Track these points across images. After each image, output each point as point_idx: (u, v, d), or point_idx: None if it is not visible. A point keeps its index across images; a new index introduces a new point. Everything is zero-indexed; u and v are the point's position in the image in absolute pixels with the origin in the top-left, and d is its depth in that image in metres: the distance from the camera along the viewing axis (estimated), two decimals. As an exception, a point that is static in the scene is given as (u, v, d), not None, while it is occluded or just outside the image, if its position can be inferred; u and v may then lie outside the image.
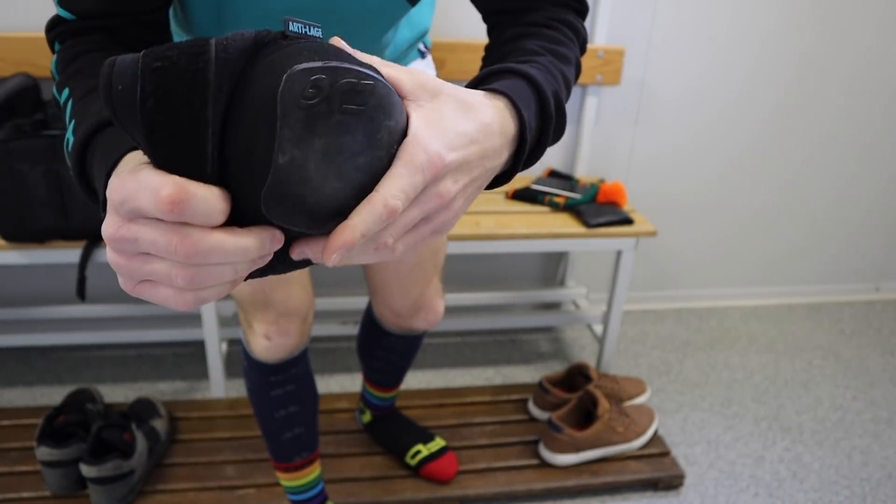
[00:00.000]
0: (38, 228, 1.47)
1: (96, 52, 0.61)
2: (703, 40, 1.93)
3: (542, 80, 0.57)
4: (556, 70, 0.62)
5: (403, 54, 1.01)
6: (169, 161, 0.39)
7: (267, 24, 0.77)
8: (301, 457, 1.27)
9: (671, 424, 1.77)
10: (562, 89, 0.61)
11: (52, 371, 1.86)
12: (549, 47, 0.64)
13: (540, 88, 0.56)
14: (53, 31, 0.63)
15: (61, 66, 0.61)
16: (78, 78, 0.58)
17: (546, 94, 0.56)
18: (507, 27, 0.70)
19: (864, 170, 2.21)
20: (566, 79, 0.63)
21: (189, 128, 0.38)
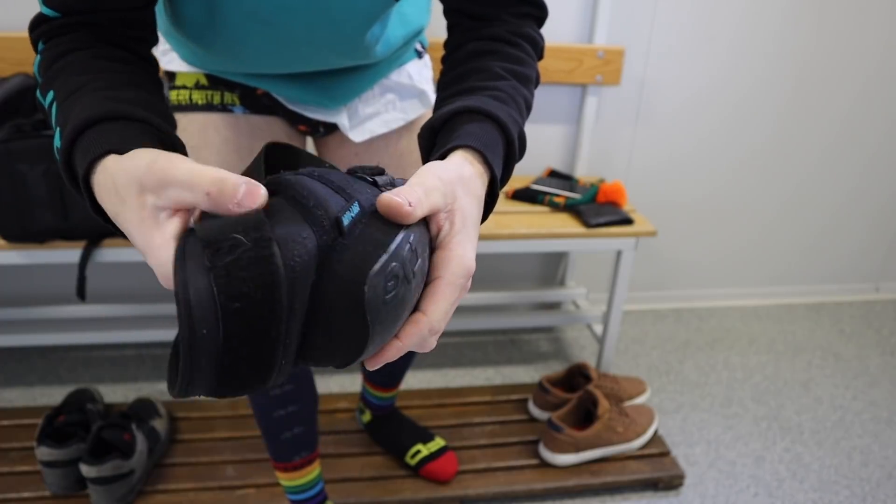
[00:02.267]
0: (38, 228, 1.47)
1: (79, 52, 0.60)
2: (703, 40, 1.93)
3: (508, 121, 0.60)
4: (520, 97, 0.65)
5: (398, 53, 1.00)
6: (235, 374, 0.39)
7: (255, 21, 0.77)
8: (300, 456, 1.27)
9: (671, 424, 1.77)
10: (523, 118, 0.65)
11: (52, 371, 1.86)
12: (513, 69, 0.67)
13: (507, 132, 0.60)
14: (37, 30, 0.62)
15: (44, 67, 0.60)
16: (61, 78, 0.57)
17: (512, 136, 0.60)
18: (468, 36, 0.70)
19: (865, 171, 2.21)
20: (527, 102, 0.67)
21: (264, 350, 0.39)
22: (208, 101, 0.97)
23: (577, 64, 1.84)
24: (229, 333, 0.37)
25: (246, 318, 0.37)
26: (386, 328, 0.44)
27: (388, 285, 0.42)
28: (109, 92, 0.55)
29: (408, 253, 0.44)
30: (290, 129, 1.05)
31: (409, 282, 0.44)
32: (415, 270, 0.45)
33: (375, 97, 1.03)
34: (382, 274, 0.41)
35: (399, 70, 1.03)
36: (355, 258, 0.41)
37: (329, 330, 0.41)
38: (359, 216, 0.43)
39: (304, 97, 0.97)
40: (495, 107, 0.60)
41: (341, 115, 1.01)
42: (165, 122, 0.55)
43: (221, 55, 0.86)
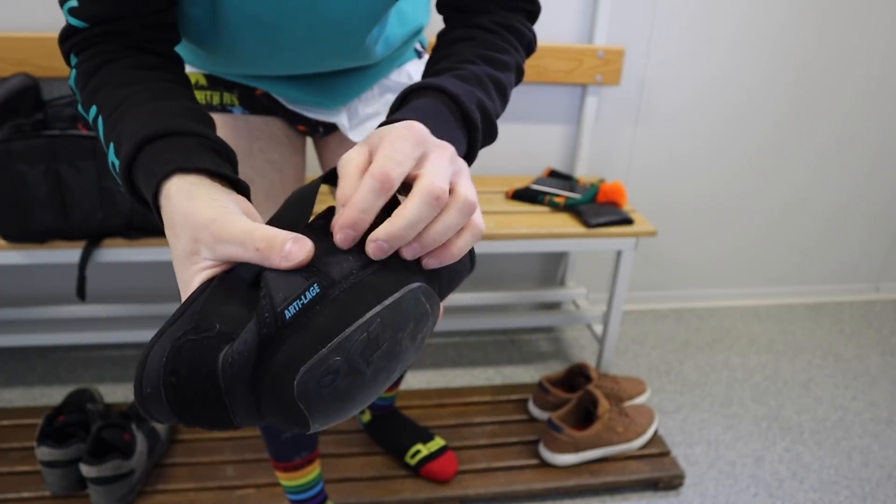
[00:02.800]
0: (38, 228, 1.47)
1: (114, 63, 0.62)
2: (703, 41, 1.93)
3: (462, 94, 0.58)
4: (486, 77, 0.63)
5: (398, 53, 1.00)
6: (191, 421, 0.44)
7: (257, 24, 0.77)
8: (300, 456, 1.27)
9: (671, 424, 1.77)
10: (492, 97, 0.63)
11: (52, 371, 1.86)
12: (486, 54, 0.66)
13: (461, 105, 0.58)
14: (67, 42, 0.64)
15: (82, 82, 0.62)
16: (103, 92, 0.60)
17: (467, 108, 0.58)
18: (455, 26, 0.71)
19: (865, 172, 2.21)
20: (499, 84, 0.65)
21: (211, 411, 0.43)
22: (207, 101, 0.97)
23: (577, 64, 1.84)
24: (169, 399, 0.42)
25: (181, 392, 0.42)
26: (332, 413, 0.43)
27: (325, 380, 0.41)
28: (155, 104, 0.57)
29: (359, 344, 0.42)
30: (289, 130, 1.05)
31: (357, 374, 0.43)
32: (371, 359, 0.43)
33: (375, 97, 1.03)
34: (317, 370, 0.41)
35: (399, 70, 1.03)
36: (290, 352, 0.41)
37: (275, 410, 0.43)
38: (312, 302, 0.42)
39: (304, 97, 0.97)
40: (449, 82, 0.59)
41: (341, 116, 1.01)
42: (209, 128, 0.57)
43: (223, 57, 0.86)
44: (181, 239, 0.47)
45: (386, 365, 0.45)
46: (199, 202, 0.48)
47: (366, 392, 0.45)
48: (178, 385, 0.42)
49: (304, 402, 0.41)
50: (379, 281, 0.44)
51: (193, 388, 0.42)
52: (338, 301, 0.43)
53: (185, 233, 0.47)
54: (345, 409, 0.44)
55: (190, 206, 0.48)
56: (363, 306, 0.43)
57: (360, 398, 0.45)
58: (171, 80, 0.63)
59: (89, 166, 1.43)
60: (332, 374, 0.41)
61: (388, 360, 0.45)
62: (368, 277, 0.44)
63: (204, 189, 0.49)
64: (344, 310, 0.42)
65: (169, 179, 0.50)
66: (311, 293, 0.42)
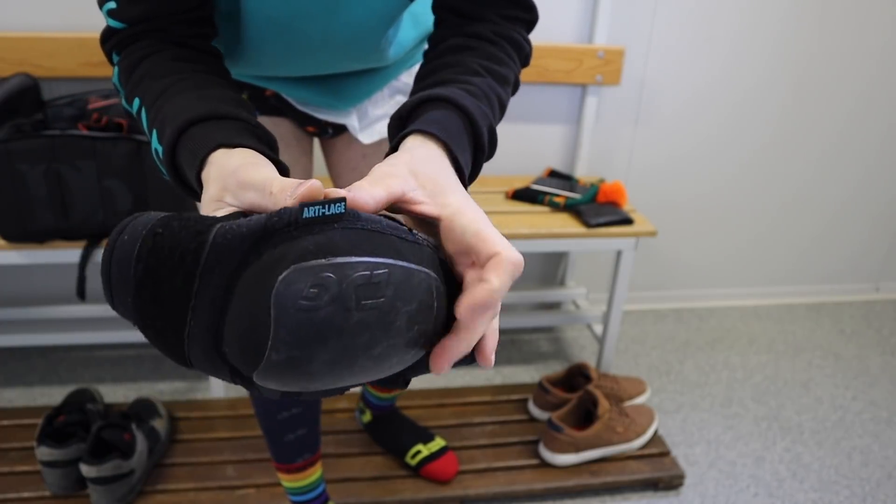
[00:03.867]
0: (38, 228, 1.47)
1: (154, 56, 0.63)
2: (703, 40, 1.93)
3: (477, 114, 0.58)
4: (493, 94, 0.63)
5: (410, 54, 1.00)
6: (148, 318, 0.40)
7: (274, 27, 0.77)
8: (303, 458, 1.27)
9: (671, 424, 1.77)
10: (496, 116, 0.63)
11: (52, 371, 1.86)
12: (490, 67, 0.65)
13: (475, 125, 0.57)
14: (108, 42, 0.66)
15: (124, 77, 0.64)
16: (143, 85, 0.61)
17: (480, 129, 0.57)
18: (452, 31, 0.70)
19: (865, 172, 2.21)
20: (501, 102, 0.65)
21: (171, 299, 0.39)
22: None
23: (577, 64, 1.84)
24: (140, 255, 0.39)
25: (159, 245, 0.39)
26: (295, 348, 0.38)
27: (310, 292, 0.37)
28: (198, 92, 0.58)
29: (361, 278, 0.38)
30: (298, 131, 1.05)
31: (343, 310, 0.38)
32: (363, 305, 0.39)
33: (385, 99, 1.03)
34: (308, 275, 0.37)
35: (409, 71, 1.03)
36: (289, 250, 0.38)
37: (237, 317, 0.38)
38: (333, 217, 0.39)
39: (315, 98, 0.97)
40: (465, 98, 0.58)
41: (351, 117, 1.01)
42: (252, 114, 0.58)
43: (239, 59, 0.86)
44: (210, 188, 0.48)
45: (373, 326, 0.40)
46: (235, 156, 0.49)
47: (339, 346, 0.39)
48: (154, 251, 0.39)
49: (276, 309, 0.37)
50: (404, 247, 0.42)
51: (169, 263, 0.38)
52: (358, 231, 0.40)
53: (216, 182, 0.48)
54: (307, 355, 0.38)
55: (225, 159, 0.49)
56: (379, 250, 0.40)
57: (329, 350, 0.39)
58: (212, 72, 0.64)
59: (89, 166, 1.43)
60: (320, 290, 0.37)
61: (377, 324, 0.40)
62: (395, 239, 0.42)
63: (247, 153, 0.50)
64: (360, 241, 0.40)
65: (213, 153, 0.51)
66: (335, 208, 0.40)
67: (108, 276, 0.40)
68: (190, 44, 0.66)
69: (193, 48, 0.66)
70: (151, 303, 0.39)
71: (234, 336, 0.39)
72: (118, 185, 1.45)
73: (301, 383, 0.40)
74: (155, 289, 0.39)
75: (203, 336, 0.39)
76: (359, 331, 0.39)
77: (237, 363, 0.40)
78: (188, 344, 0.40)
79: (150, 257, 0.39)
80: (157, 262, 0.39)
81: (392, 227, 0.42)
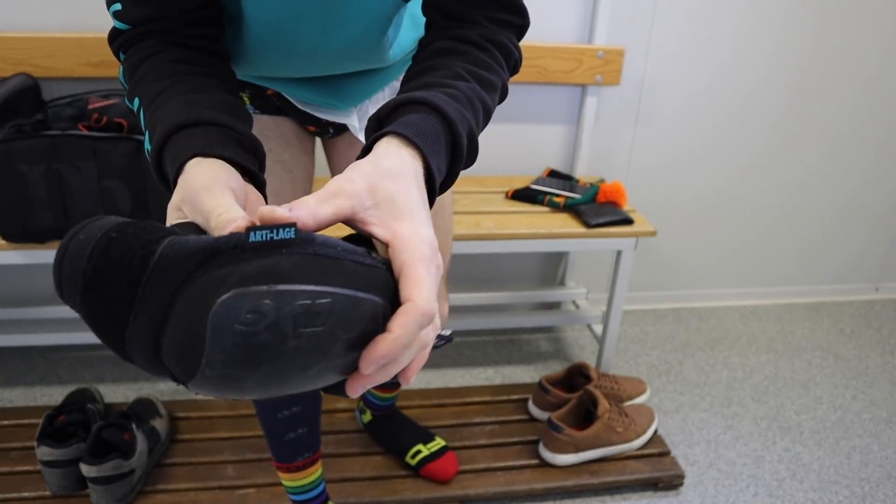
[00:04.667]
0: (38, 228, 1.47)
1: (155, 57, 0.65)
2: (703, 40, 1.93)
3: (456, 118, 0.57)
4: (477, 99, 0.62)
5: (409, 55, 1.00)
6: (93, 316, 0.41)
7: (272, 30, 0.77)
8: (303, 457, 1.27)
9: (671, 424, 1.77)
10: (479, 122, 0.62)
11: (53, 371, 1.86)
12: (476, 72, 0.64)
13: (453, 129, 0.56)
14: (115, 42, 0.67)
15: (128, 75, 0.65)
16: (142, 85, 0.63)
17: (458, 133, 0.57)
18: (441, 33, 0.69)
19: (865, 172, 2.21)
20: (486, 108, 0.64)
21: (115, 301, 0.40)
22: None
23: (577, 64, 1.84)
24: (88, 270, 0.40)
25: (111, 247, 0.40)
26: (227, 365, 0.38)
27: (247, 317, 0.37)
28: (190, 96, 0.60)
29: (301, 307, 0.38)
30: (300, 130, 1.05)
31: (279, 336, 0.38)
32: (300, 333, 0.39)
33: (386, 99, 1.03)
34: (247, 301, 0.37)
35: None
36: (233, 272, 0.38)
37: (176, 330, 0.39)
38: (281, 243, 0.39)
39: (316, 98, 0.97)
40: (445, 102, 0.57)
41: (352, 117, 1.01)
42: (241, 121, 0.59)
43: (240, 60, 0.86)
44: (175, 196, 0.51)
45: (308, 352, 0.40)
46: (202, 171, 0.51)
47: (272, 369, 0.39)
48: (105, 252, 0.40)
49: (213, 329, 0.37)
50: (358, 272, 0.41)
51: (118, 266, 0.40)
52: (306, 257, 0.40)
53: (179, 193, 0.51)
54: (240, 375, 0.39)
55: (194, 172, 0.51)
56: (326, 277, 0.40)
57: (262, 372, 0.39)
58: (211, 74, 0.65)
59: (89, 166, 1.43)
60: (258, 316, 0.38)
61: (312, 350, 0.40)
62: (348, 263, 0.41)
63: (215, 167, 0.52)
64: (307, 267, 0.39)
65: (187, 163, 0.52)
66: (284, 233, 0.39)
67: (60, 270, 0.42)
68: (193, 44, 0.67)
69: (197, 49, 0.67)
70: (97, 302, 0.40)
71: (172, 347, 0.40)
72: (118, 185, 1.45)
73: (234, 395, 0.41)
74: (101, 289, 0.40)
75: (143, 341, 0.40)
76: (294, 356, 0.39)
77: (174, 371, 0.41)
78: (128, 345, 0.41)
79: (100, 259, 0.40)
80: (106, 264, 0.40)
81: (347, 250, 0.42)
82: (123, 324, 0.40)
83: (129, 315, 0.40)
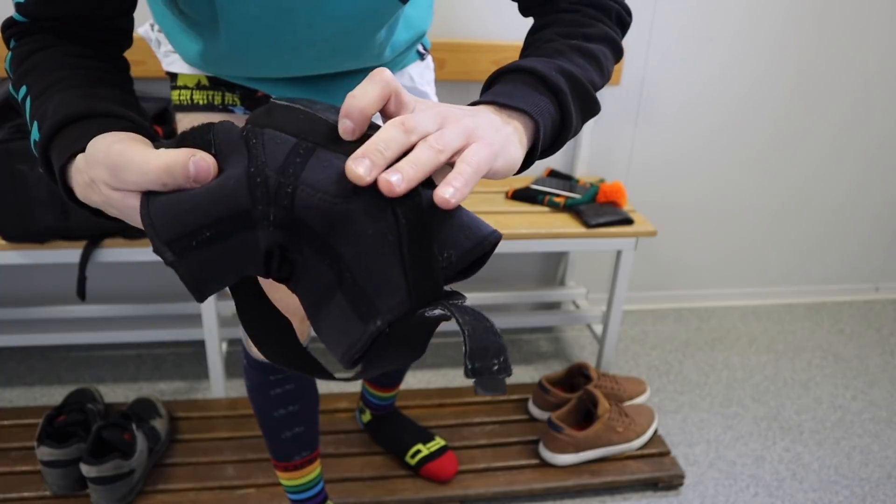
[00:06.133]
0: (38, 228, 1.47)
1: (49, 49, 0.64)
2: (703, 40, 1.93)
3: (535, 64, 0.59)
4: (568, 48, 0.64)
5: (402, 57, 1.00)
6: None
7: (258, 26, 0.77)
8: (301, 456, 1.27)
9: (671, 424, 1.77)
10: (577, 65, 0.63)
11: (52, 371, 1.86)
12: (565, 31, 0.67)
13: (535, 71, 0.59)
14: (8, 30, 0.66)
15: (15, 63, 0.64)
16: (32, 76, 0.62)
17: (546, 74, 0.59)
18: (536, 20, 0.73)
19: (865, 171, 2.21)
20: (587, 52, 0.65)
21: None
22: (209, 101, 0.97)
23: (577, 64, 1.84)
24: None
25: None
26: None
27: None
28: (84, 90, 0.59)
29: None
30: None
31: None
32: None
33: None
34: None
35: (401, 72, 1.03)
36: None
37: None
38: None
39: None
40: (524, 62, 0.60)
41: None
42: (135, 113, 0.58)
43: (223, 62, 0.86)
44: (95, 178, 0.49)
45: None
46: (98, 139, 0.50)
47: None
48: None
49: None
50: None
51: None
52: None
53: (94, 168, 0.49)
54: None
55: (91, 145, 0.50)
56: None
57: None
58: (106, 71, 0.64)
59: (89, 166, 1.43)
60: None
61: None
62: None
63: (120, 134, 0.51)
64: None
65: (78, 155, 0.52)
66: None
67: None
68: (91, 45, 0.66)
69: (94, 48, 0.66)
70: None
71: None
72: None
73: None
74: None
75: None
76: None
77: None
78: None
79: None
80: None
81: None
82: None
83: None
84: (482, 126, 0.51)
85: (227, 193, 0.44)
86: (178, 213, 0.43)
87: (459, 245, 0.46)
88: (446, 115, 0.50)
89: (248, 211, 0.44)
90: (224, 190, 0.44)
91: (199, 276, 0.44)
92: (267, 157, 0.45)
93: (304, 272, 0.46)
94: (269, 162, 0.44)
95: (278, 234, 0.44)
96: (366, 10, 0.78)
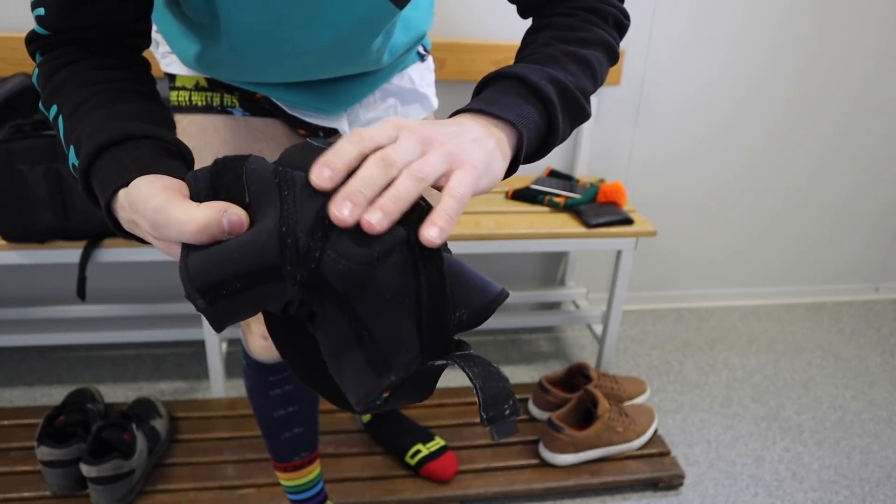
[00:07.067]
0: (38, 228, 1.47)
1: (75, 64, 0.64)
2: (703, 40, 1.93)
3: (526, 71, 0.60)
4: (562, 54, 0.65)
5: (401, 59, 1.00)
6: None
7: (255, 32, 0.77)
8: (300, 456, 1.27)
9: (671, 424, 1.77)
10: (569, 72, 0.64)
11: (52, 371, 1.86)
12: (560, 35, 0.67)
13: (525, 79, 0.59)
14: (33, 44, 0.66)
15: (44, 80, 0.64)
16: (62, 93, 0.62)
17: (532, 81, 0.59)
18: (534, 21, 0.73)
19: (865, 171, 2.21)
20: (580, 58, 0.66)
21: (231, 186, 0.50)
22: (208, 102, 0.97)
23: (577, 64, 1.83)
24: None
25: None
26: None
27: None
28: (114, 107, 0.59)
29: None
30: (290, 133, 1.05)
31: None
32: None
33: (377, 102, 1.02)
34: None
35: (401, 74, 1.03)
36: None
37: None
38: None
39: (305, 102, 0.97)
40: (515, 68, 0.60)
41: (341, 121, 1.01)
42: (167, 128, 0.59)
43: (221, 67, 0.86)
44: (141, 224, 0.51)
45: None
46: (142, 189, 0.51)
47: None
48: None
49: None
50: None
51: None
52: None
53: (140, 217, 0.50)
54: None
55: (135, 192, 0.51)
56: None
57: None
58: (132, 80, 0.65)
59: (89, 166, 1.43)
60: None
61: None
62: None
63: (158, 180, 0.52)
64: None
65: (121, 190, 0.53)
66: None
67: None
68: (116, 54, 0.66)
69: (118, 57, 0.66)
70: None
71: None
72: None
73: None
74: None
75: None
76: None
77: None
78: None
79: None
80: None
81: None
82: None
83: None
84: (465, 147, 0.52)
85: (258, 249, 0.45)
86: (212, 265, 0.46)
87: (471, 305, 0.49)
88: (430, 140, 0.51)
89: (277, 266, 0.46)
90: (255, 245, 0.46)
91: (223, 318, 0.47)
92: (298, 214, 0.46)
93: (323, 322, 0.48)
94: (299, 221, 0.46)
95: (302, 291, 0.47)
96: (363, 17, 0.78)
